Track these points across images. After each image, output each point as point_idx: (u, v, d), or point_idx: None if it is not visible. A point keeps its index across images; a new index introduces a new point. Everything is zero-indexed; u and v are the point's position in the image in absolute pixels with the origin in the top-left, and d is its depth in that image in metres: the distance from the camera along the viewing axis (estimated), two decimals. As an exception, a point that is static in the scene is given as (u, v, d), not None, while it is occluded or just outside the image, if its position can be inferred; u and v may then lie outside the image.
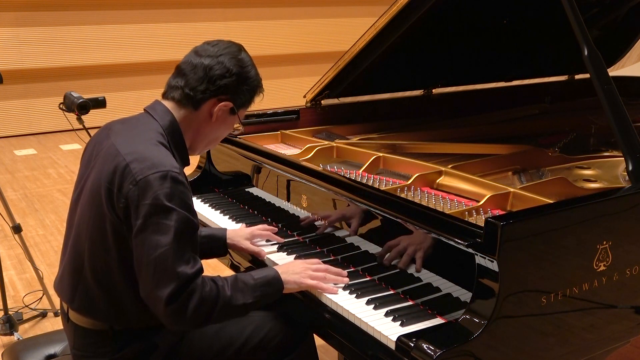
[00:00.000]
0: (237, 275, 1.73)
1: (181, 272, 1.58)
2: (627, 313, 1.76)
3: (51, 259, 4.22)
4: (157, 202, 1.58)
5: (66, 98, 2.95)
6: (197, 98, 1.76)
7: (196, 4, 8.70)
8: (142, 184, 1.59)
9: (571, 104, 3.29)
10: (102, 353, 1.77)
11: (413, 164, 2.22)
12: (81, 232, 1.75)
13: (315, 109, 2.83)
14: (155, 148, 1.68)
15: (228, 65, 1.76)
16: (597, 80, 1.85)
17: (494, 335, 1.44)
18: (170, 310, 1.59)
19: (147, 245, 1.58)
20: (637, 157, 1.79)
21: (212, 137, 1.86)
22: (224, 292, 1.66)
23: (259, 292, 1.72)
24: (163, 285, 1.57)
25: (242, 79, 1.78)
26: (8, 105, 7.90)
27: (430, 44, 2.77)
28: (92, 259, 1.71)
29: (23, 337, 3.02)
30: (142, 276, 1.62)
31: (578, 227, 1.59)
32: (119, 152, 1.67)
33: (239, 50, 1.82)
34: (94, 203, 1.69)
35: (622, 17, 3.15)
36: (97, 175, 1.70)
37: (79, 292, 1.75)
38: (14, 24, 7.72)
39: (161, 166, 1.61)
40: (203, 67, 1.76)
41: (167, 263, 1.57)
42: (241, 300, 1.68)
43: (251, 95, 1.84)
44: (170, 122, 1.77)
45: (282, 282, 1.76)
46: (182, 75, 1.79)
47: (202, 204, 2.50)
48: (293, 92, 8.60)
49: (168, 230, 1.58)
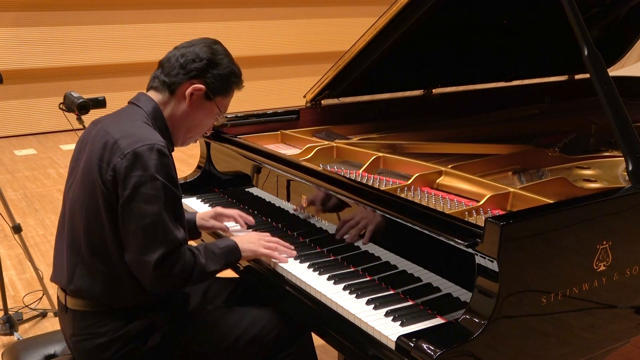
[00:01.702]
0: (206, 244, 1.90)
1: (171, 239, 1.72)
2: (627, 313, 1.76)
3: (51, 259, 4.19)
4: (145, 173, 1.70)
5: (66, 98, 2.96)
6: (171, 82, 1.89)
7: (196, 4, 8.69)
8: (130, 156, 1.71)
9: (571, 104, 3.29)
10: (101, 333, 1.82)
11: (413, 164, 2.22)
12: (75, 213, 1.83)
13: (315, 109, 2.83)
14: (142, 126, 1.82)
15: (198, 51, 1.89)
16: (597, 80, 1.85)
17: (494, 335, 1.44)
18: (157, 273, 1.72)
19: (135, 213, 1.70)
20: (637, 157, 1.79)
21: (189, 123, 1.94)
22: (200, 260, 1.82)
23: (223, 260, 1.90)
24: (152, 251, 1.70)
25: (212, 63, 1.90)
26: (8, 105, 7.90)
27: (430, 44, 2.77)
28: (88, 236, 1.79)
29: (23, 337, 3.02)
30: (129, 242, 1.73)
31: (578, 227, 1.59)
32: (107, 132, 1.80)
33: (214, 43, 1.95)
34: (87, 181, 1.79)
35: (622, 17, 3.15)
36: (88, 157, 1.81)
37: (77, 273, 1.82)
38: (14, 24, 7.71)
39: (147, 140, 1.74)
40: (176, 56, 1.90)
41: (156, 230, 1.71)
42: (212, 267, 1.86)
43: (226, 81, 1.93)
44: (154, 108, 1.89)
45: (240, 250, 1.94)
46: (161, 67, 1.94)
47: (202, 204, 2.50)
48: (293, 92, 8.61)
49: (157, 199, 1.70)
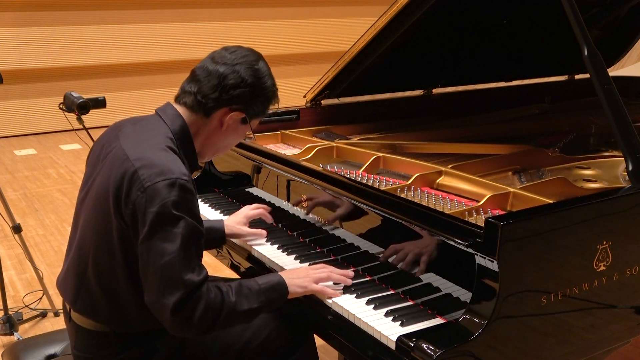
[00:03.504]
0: (241, 281, 1.72)
1: (188, 280, 1.57)
2: (627, 313, 1.76)
3: (51, 259, 4.22)
4: (165, 210, 1.57)
5: (66, 98, 2.95)
6: (208, 106, 1.73)
7: (196, 4, 8.69)
8: (150, 191, 1.58)
9: (571, 104, 3.29)
10: (103, 355, 1.77)
11: (413, 164, 2.22)
12: (86, 235, 1.74)
13: (315, 109, 2.83)
14: (164, 154, 1.66)
15: (243, 75, 1.72)
16: (597, 80, 1.85)
17: (494, 335, 1.44)
18: (177, 318, 1.58)
19: (153, 253, 1.57)
20: (637, 157, 1.79)
21: (221, 145, 1.85)
22: (229, 299, 1.64)
23: (263, 297, 1.70)
24: (169, 293, 1.56)
25: (256, 89, 1.75)
26: (8, 105, 7.90)
27: (430, 44, 2.77)
28: (96, 263, 1.71)
29: (23, 337, 3.02)
30: (147, 284, 1.61)
31: (578, 227, 1.59)
32: (127, 157, 1.65)
33: (257, 60, 1.77)
34: (101, 208, 1.68)
35: (622, 17, 3.15)
36: (105, 179, 1.69)
37: (82, 294, 1.75)
38: (14, 24, 7.72)
39: (169, 173, 1.59)
40: (217, 74, 1.72)
41: (173, 271, 1.56)
42: (246, 306, 1.66)
43: (265, 106, 1.81)
44: (181, 127, 1.74)
45: (287, 286, 1.75)
46: (196, 81, 1.75)
47: (202, 204, 2.50)
48: (293, 92, 8.59)
49: (175, 238, 1.57)
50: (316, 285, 1.76)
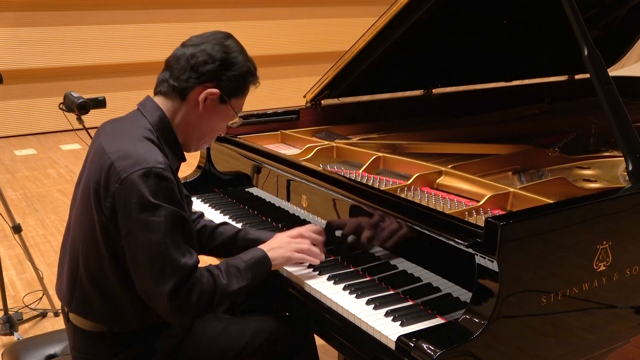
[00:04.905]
0: (227, 261, 1.75)
1: (181, 266, 1.59)
2: (627, 313, 1.76)
3: (51, 259, 4.22)
4: (143, 201, 1.58)
5: (66, 98, 2.95)
6: (181, 87, 1.74)
7: (196, 4, 8.70)
8: (127, 182, 1.59)
9: (571, 104, 3.29)
10: (101, 355, 1.77)
11: (413, 164, 2.22)
12: (75, 235, 1.75)
13: (315, 109, 2.83)
14: (140, 144, 1.66)
15: (210, 51, 1.72)
16: (597, 80, 1.85)
17: (494, 335, 1.44)
18: (173, 304, 1.60)
19: (139, 245, 1.59)
20: (637, 157, 1.79)
21: (204, 129, 1.81)
22: (220, 281, 1.68)
23: (250, 274, 1.74)
24: (163, 282, 1.58)
25: (227, 64, 1.73)
26: (8, 105, 7.90)
27: (430, 44, 2.77)
28: (86, 262, 1.71)
29: (23, 337, 3.02)
30: (138, 275, 1.62)
31: (578, 227, 1.59)
32: (104, 151, 1.67)
33: (226, 37, 1.77)
34: (85, 206, 1.70)
35: (622, 17, 3.15)
36: (86, 177, 1.72)
37: (76, 294, 1.75)
38: (14, 24, 7.72)
39: (144, 162, 1.60)
40: (186, 56, 1.73)
41: (163, 259, 1.58)
42: (236, 286, 1.71)
43: (241, 82, 1.77)
44: (159, 118, 1.75)
45: (270, 259, 1.79)
46: (168, 68, 1.78)
47: (202, 204, 2.50)
48: (293, 92, 8.60)
49: (158, 226, 1.58)
50: (298, 254, 1.82)
